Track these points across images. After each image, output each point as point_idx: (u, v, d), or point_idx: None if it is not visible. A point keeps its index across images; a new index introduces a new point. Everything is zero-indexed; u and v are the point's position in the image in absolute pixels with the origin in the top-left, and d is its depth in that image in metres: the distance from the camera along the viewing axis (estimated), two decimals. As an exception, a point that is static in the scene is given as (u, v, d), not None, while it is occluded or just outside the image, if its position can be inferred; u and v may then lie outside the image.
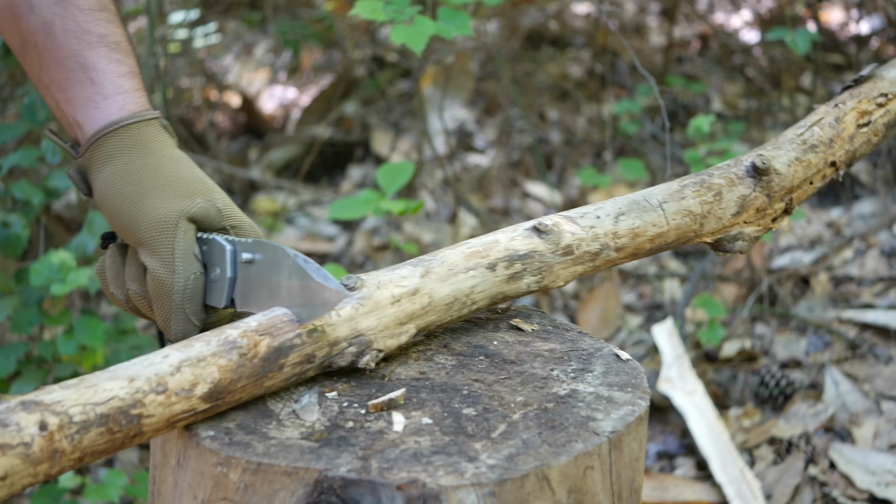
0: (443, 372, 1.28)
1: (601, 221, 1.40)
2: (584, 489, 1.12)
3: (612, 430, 1.15)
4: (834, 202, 3.86)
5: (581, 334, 1.39)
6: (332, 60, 5.33)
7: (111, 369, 1.08)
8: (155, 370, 1.08)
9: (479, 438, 1.13)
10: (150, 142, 1.37)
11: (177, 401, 1.08)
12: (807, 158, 1.54)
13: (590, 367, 1.29)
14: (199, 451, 1.11)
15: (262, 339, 1.16)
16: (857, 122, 1.60)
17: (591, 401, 1.21)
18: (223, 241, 1.31)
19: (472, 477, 1.06)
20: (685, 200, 1.44)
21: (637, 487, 1.21)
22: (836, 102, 1.61)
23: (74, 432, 1.01)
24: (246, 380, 1.14)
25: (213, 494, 1.11)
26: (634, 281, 3.67)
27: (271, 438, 1.12)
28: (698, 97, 4.60)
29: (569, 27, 5.40)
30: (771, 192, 1.49)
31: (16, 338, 2.69)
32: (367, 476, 1.05)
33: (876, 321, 3.07)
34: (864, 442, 2.68)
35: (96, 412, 1.03)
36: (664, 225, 1.43)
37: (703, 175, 1.48)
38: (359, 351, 1.23)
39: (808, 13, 4.29)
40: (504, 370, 1.28)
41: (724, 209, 1.47)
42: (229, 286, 1.30)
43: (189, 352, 1.12)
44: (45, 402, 1.01)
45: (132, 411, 1.05)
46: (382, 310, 1.25)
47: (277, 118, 5.16)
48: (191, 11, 3.91)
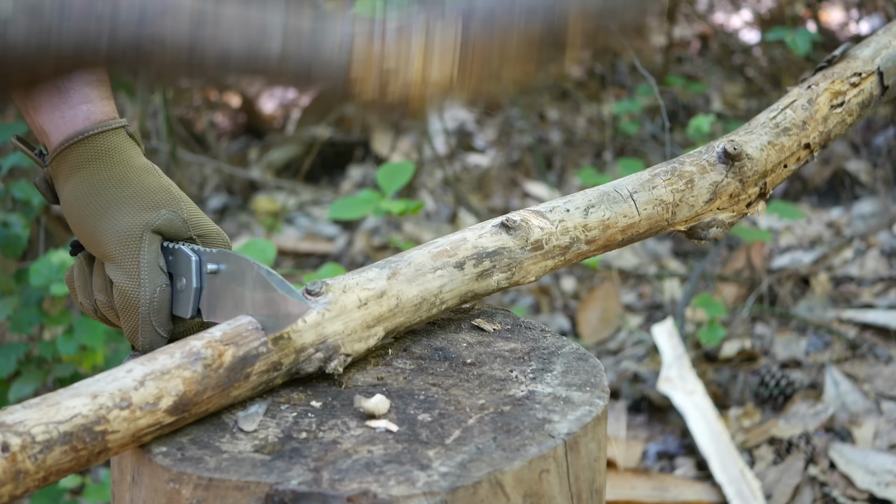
0: (401, 377, 1.25)
1: (570, 215, 1.38)
2: (540, 493, 1.10)
3: (568, 431, 1.13)
4: (834, 202, 3.86)
5: (543, 332, 1.36)
6: (332, 60, 5.32)
7: (74, 386, 1.06)
8: (118, 385, 1.07)
9: (433, 445, 1.11)
10: (116, 152, 1.35)
11: (141, 415, 1.07)
12: (780, 142, 1.52)
13: (550, 367, 1.27)
14: (151, 468, 1.10)
15: (227, 348, 1.14)
16: (830, 102, 1.57)
17: (549, 402, 1.19)
18: (189, 252, 1.30)
19: (423, 486, 1.04)
20: (656, 190, 1.42)
21: (598, 488, 1.19)
22: (808, 84, 1.59)
23: (38, 452, 1.00)
24: (212, 391, 1.12)
25: (166, 511, 1.10)
26: (634, 281, 3.67)
27: (223, 452, 1.10)
28: (698, 97, 4.59)
29: (569, 27, 5.39)
30: (744, 178, 1.48)
31: (16, 338, 2.69)
32: (317, 488, 1.04)
33: (876, 321, 3.07)
34: (864, 442, 2.68)
35: (59, 431, 1.01)
36: (635, 215, 1.41)
37: (674, 163, 1.46)
38: (326, 356, 1.21)
39: (808, 13, 4.28)
40: (463, 373, 1.26)
41: (696, 197, 1.45)
42: (195, 297, 1.29)
43: (153, 365, 1.10)
44: (7, 423, 0.99)
45: (96, 428, 1.04)
46: (349, 314, 1.23)
47: (277, 118, 5.16)
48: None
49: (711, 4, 5.26)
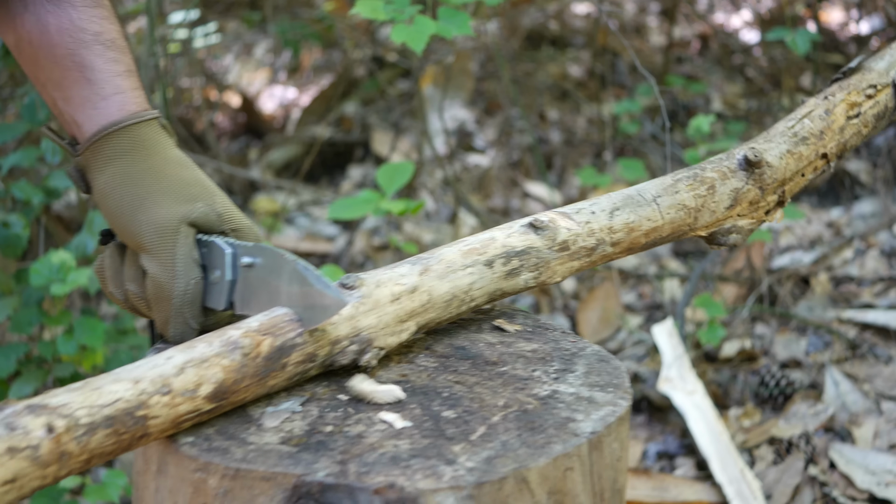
0: (424, 374, 1.27)
1: (596, 217, 1.41)
2: (564, 490, 1.11)
3: (592, 430, 1.14)
4: (834, 202, 3.86)
5: (564, 334, 1.38)
6: (332, 60, 5.33)
7: (115, 372, 1.08)
8: (159, 372, 1.09)
9: (459, 441, 1.12)
10: (151, 143, 1.36)
11: (182, 401, 1.09)
12: (798, 150, 1.55)
13: (572, 368, 1.29)
14: (178, 458, 1.11)
15: (265, 338, 1.16)
16: (846, 113, 1.60)
17: (572, 401, 1.21)
18: (223, 245, 1.31)
19: (450, 480, 1.05)
20: (679, 194, 1.45)
21: (619, 488, 1.21)
22: (825, 94, 1.61)
23: (81, 434, 1.01)
24: (249, 379, 1.14)
25: (192, 500, 1.10)
26: (634, 281, 3.67)
27: (250, 444, 1.12)
28: (698, 97, 4.60)
29: (569, 27, 5.40)
30: (763, 185, 1.50)
31: (16, 338, 2.69)
32: (344, 480, 1.05)
33: (876, 321, 3.07)
34: (864, 442, 2.68)
35: (102, 414, 1.03)
36: (659, 219, 1.43)
37: (696, 169, 1.48)
38: (360, 349, 1.23)
39: (808, 13, 4.29)
40: (485, 371, 1.28)
41: (717, 202, 1.47)
42: (229, 289, 1.30)
43: (192, 353, 1.12)
44: (52, 406, 1.01)
45: (138, 413, 1.05)
46: (382, 308, 1.26)
47: (277, 118, 5.16)
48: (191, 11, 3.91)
49: (711, 4, 5.26)
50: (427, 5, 2.21)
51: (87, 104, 1.36)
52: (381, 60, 4.90)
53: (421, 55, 2.95)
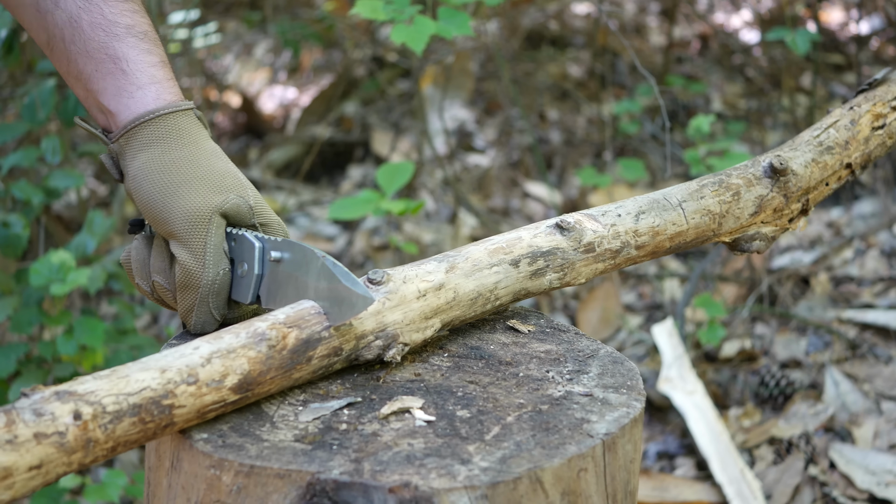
0: (438, 374, 1.27)
1: (622, 220, 1.41)
2: (577, 491, 1.11)
3: (607, 432, 1.15)
4: (834, 202, 3.86)
5: (578, 335, 1.39)
6: (332, 60, 5.33)
7: (142, 361, 1.08)
8: (186, 361, 1.09)
9: (473, 441, 1.12)
10: (186, 133, 1.38)
11: (207, 391, 1.09)
12: (823, 160, 1.56)
13: (586, 369, 1.29)
14: (192, 454, 1.11)
15: (291, 331, 1.16)
16: (871, 124, 1.62)
17: (586, 403, 1.21)
18: (253, 238, 1.32)
19: (464, 479, 1.05)
20: (704, 200, 1.46)
21: (632, 489, 1.21)
22: (851, 105, 1.63)
23: (108, 422, 1.01)
24: (275, 371, 1.14)
25: (206, 497, 1.10)
26: (634, 281, 3.67)
27: (264, 441, 1.12)
28: (698, 97, 4.60)
29: (569, 27, 5.40)
30: (788, 193, 1.51)
31: (16, 338, 2.69)
32: (359, 479, 1.05)
33: (876, 321, 3.07)
34: (864, 442, 2.68)
35: (129, 402, 1.03)
36: (683, 224, 1.44)
37: (722, 175, 1.50)
38: (385, 344, 1.24)
39: (808, 13, 4.29)
40: (499, 372, 1.28)
41: (742, 209, 1.48)
42: (256, 283, 1.32)
43: (219, 343, 1.12)
44: (79, 392, 1.01)
45: (164, 402, 1.05)
46: (408, 304, 1.26)
47: (277, 118, 5.16)
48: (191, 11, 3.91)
49: (711, 4, 5.26)
50: (427, 5, 2.21)
51: (122, 94, 1.38)
52: (381, 60, 4.90)
53: (421, 55, 2.95)
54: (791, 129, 4.12)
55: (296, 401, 1.20)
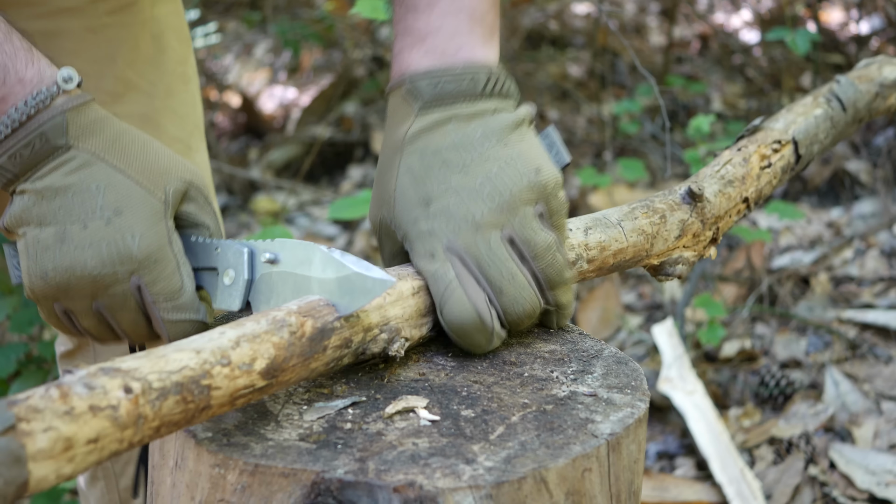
0: (442, 373, 1.27)
1: (573, 233, 1.43)
2: (581, 491, 1.12)
3: (611, 432, 1.15)
4: (834, 202, 3.87)
5: (582, 335, 1.39)
6: (332, 60, 5.34)
7: (173, 344, 1.06)
8: (216, 344, 1.07)
9: (478, 440, 1.12)
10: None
11: (239, 374, 1.08)
12: (727, 191, 1.63)
13: (590, 369, 1.29)
14: (196, 452, 1.11)
15: (307, 319, 1.16)
16: (759, 163, 1.71)
17: (591, 403, 1.21)
18: (238, 244, 1.28)
19: (469, 479, 1.05)
20: (637, 220, 1.50)
21: (636, 490, 1.21)
22: (738, 146, 1.72)
23: (155, 398, 1.00)
24: (296, 359, 1.14)
25: (210, 496, 1.10)
26: (634, 281, 3.67)
27: (269, 440, 1.12)
28: (698, 97, 4.60)
29: (569, 27, 5.40)
30: (704, 218, 1.57)
31: (16, 338, 2.69)
32: (363, 478, 1.05)
33: (876, 321, 3.08)
34: (864, 442, 2.68)
35: (172, 380, 1.02)
36: (624, 241, 1.48)
37: (647, 200, 1.55)
38: (389, 338, 1.24)
39: (808, 13, 4.29)
40: (504, 371, 1.28)
41: (668, 231, 1.53)
42: (245, 289, 1.28)
43: (243, 329, 1.12)
44: (124, 369, 1.00)
45: (203, 381, 1.04)
46: (406, 300, 1.27)
47: (277, 118, 5.17)
48: (191, 11, 3.91)
49: (711, 4, 5.27)
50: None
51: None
52: (381, 60, 4.90)
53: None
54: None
55: (300, 400, 1.20)
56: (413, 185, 1.29)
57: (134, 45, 1.66)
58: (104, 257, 1.23)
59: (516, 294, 1.26)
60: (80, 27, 1.59)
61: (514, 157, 1.28)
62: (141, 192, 1.25)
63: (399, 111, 1.32)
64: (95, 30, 1.61)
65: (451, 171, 1.28)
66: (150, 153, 1.28)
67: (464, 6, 1.31)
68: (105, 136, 1.26)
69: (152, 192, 1.26)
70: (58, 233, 1.24)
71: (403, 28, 1.33)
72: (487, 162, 1.28)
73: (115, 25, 1.63)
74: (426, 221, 1.27)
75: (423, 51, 1.31)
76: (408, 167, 1.29)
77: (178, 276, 1.26)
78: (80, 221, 1.23)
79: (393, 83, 1.33)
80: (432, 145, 1.29)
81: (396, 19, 1.35)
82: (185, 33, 1.77)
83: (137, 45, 1.66)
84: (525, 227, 1.27)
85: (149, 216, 1.25)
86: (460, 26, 1.31)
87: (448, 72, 1.29)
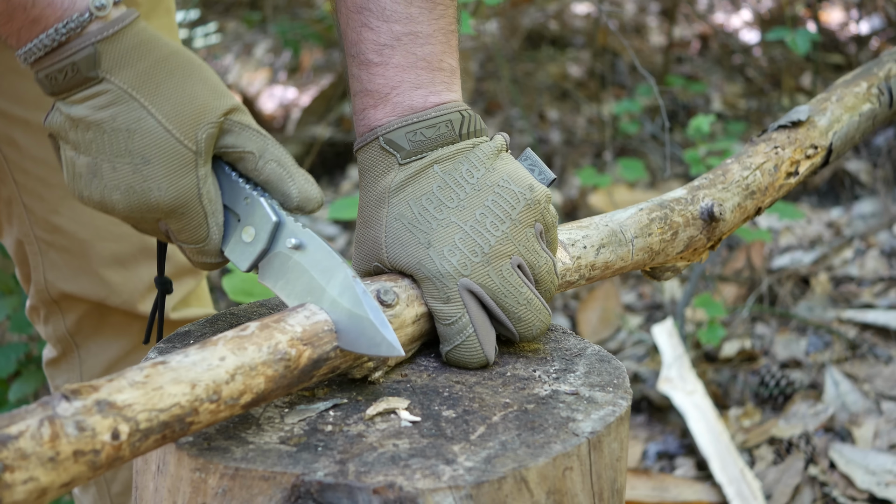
0: (425, 374, 1.27)
1: (586, 252, 1.41)
2: (563, 490, 1.11)
3: (592, 430, 1.14)
4: (834, 202, 3.87)
5: (565, 334, 1.38)
6: (332, 60, 5.33)
7: (174, 369, 1.03)
8: (213, 376, 1.05)
9: (458, 441, 1.12)
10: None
11: (224, 409, 1.07)
12: (745, 204, 1.59)
13: (572, 368, 1.29)
14: (177, 457, 1.10)
15: (306, 349, 1.13)
16: (787, 171, 1.64)
17: (572, 401, 1.21)
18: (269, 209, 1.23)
19: (449, 480, 1.05)
20: (651, 237, 1.47)
21: (619, 488, 1.20)
22: (776, 144, 1.63)
23: (137, 440, 0.99)
24: (282, 389, 1.13)
25: (191, 499, 1.10)
26: (634, 281, 3.67)
27: (250, 443, 1.11)
28: (698, 97, 4.60)
29: (569, 27, 5.40)
30: (711, 236, 1.54)
31: (16, 338, 2.69)
32: (343, 480, 1.05)
33: (876, 321, 3.07)
34: (864, 442, 2.68)
35: (159, 419, 1.00)
36: (629, 259, 1.46)
37: (667, 209, 1.50)
38: (376, 366, 1.24)
39: (808, 13, 4.29)
40: (486, 371, 1.28)
41: (674, 247, 1.51)
42: (259, 256, 1.24)
43: (243, 357, 1.09)
44: (118, 405, 0.98)
45: (187, 419, 1.03)
46: (404, 329, 1.26)
47: (277, 118, 5.17)
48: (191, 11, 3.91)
49: (711, 4, 5.27)
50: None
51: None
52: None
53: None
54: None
55: (281, 403, 1.20)
56: (407, 231, 1.28)
57: None
58: (132, 204, 1.21)
59: (534, 319, 1.27)
60: None
61: (506, 179, 1.28)
62: (171, 141, 1.20)
63: (377, 166, 1.30)
64: None
65: (447, 209, 1.27)
66: (185, 91, 1.22)
67: (419, 57, 1.31)
68: (140, 69, 1.21)
69: (182, 140, 1.21)
70: (90, 165, 1.21)
71: (360, 87, 1.32)
72: (481, 192, 1.28)
73: None
74: (432, 262, 1.26)
75: (390, 107, 1.30)
76: (396, 216, 1.28)
77: (204, 227, 1.24)
78: (110, 161, 1.20)
79: (363, 140, 1.31)
80: (420, 190, 1.28)
81: (350, 73, 1.34)
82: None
83: None
84: (530, 252, 1.28)
85: (177, 168, 1.21)
86: (420, 78, 1.30)
87: (422, 120, 1.29)
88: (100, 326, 1.78)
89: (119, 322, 1.78)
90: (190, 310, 1.81)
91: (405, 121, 1.29)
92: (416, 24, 1.31)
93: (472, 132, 1.31)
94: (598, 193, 3.90)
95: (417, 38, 1.31)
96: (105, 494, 1.86)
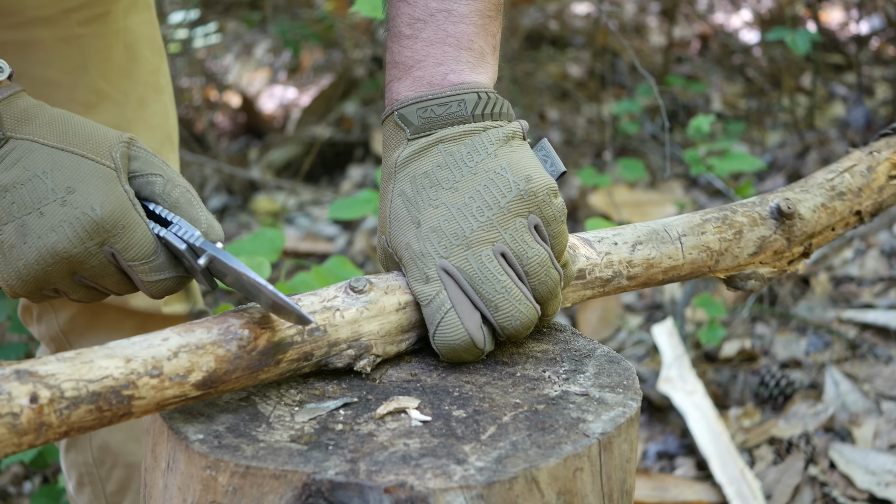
0: (434, 374, 1.27)
1: (618, 248, 1.39)
2: (573, 491, 1.11)
3: (603, 431, 1.14)
4: (834, 202, 3.86)
5: (574, 335, 1.38)
6: (332, 60, 5.34)
7: (110, 346, 1.06)
8: (153, 353, 1.08)
9: (469, 440, 1.12)
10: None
11: (170, 386, 1.08)
12: (833, 205, 1.52)
13: (582, 369, 1.29)
14: (188, 455, 1.11)
15: (264, 332, 1.15)
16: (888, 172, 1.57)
17: (582, 402, 1.21)
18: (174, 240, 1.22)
19: (460, 479, 1.05)
20: (705, 236, 1.42)
21: (628, 489, 1.20)
22: (871, 149, 1.58)
23: (64, 407, 1.01)
24: (241, 372, 1.14)
25: (202, 497, 1.10)
26: (634, 281, 3.67)
27: (260, 441, 1.12)
28: (698, 97, 4.60)
29: (569, 27, 5.40)
30: (791, 237, 1.47)
31: (16, 338, 2.69)
32: (354, 479, 1.05)
33: (876, 321, 3.07)
34: (864, 442, 2.68)
35: (88, 389, 1.02)
36: (680, 258, 1.41)
37: (727, 210, 1.46)
38: (357, 354, 1.23)
39: (808, 13, 4.29)
40: (496, 371, 1.28)
41: (742, 248, 1.44)
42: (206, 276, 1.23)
43: (189, 337, 1.11)
44: (39, 374, 1.00)
45: (124, 392, 1.04)
46: (386, 316, 1.25)
47: (277, 118, 5.17)
48: (191, 11, 3.91)
49: (711, 4, 5.27)
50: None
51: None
52: (380, 60, 4.90)
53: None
54: (791, 129, 4.12)
55: (292, 401, 1.20)
56: (405, 208, 1.29)
57: (107, 55, 1.65)
58: (70, 237, 1.20)
59: (512, 309, 1.25)
60: (52, 37, 1.59)
61: (504, 168, 1.27)
62: (89, 163, 1.22)
63: (392, 139, 1.32)
64: (68, 40, 1.60)
65: (441, 189, 1.28)
66: (87, 127, 1.25)
67: (449, 34, 1.31)
68: (41, 121, 1.24)
69: (99, 160, 1.23)
70: (17, 228, 1.21)
71: (391, 59, 1.34)
72: (477, 176, 1.27)
73: (87, 36, 1.62)
74: (418, 243, 1.27)
75: (410, 80, 1.31)
76: (400, 191, 1.30)
77: (148, 236, 1.23)
78: (36, 210, 1.20)
79: (385, 113, 1.34)
80: (422, 168, 1.29)
81: (386, 47, 1.36)
82: (159, 43, 1.77)
83: (110, 56, 1.66)
84: (517, 241, 1.26)
85: (104, 184, 1.22)
86: (446, 55, 1.31)
87: (435, 98, 1.30)
88: (93, 324, 1.79)
89: (112, 319, 1.78)
90: (180, 305, 1.82)
91: (420, 96, 1.30)
92: (453, 1, 1.31)
93: (489, 115, 1.30)
94: (598, 193, 3.90)
95: (451, 16, 1.31)
96: (100, 494, 1.86)
